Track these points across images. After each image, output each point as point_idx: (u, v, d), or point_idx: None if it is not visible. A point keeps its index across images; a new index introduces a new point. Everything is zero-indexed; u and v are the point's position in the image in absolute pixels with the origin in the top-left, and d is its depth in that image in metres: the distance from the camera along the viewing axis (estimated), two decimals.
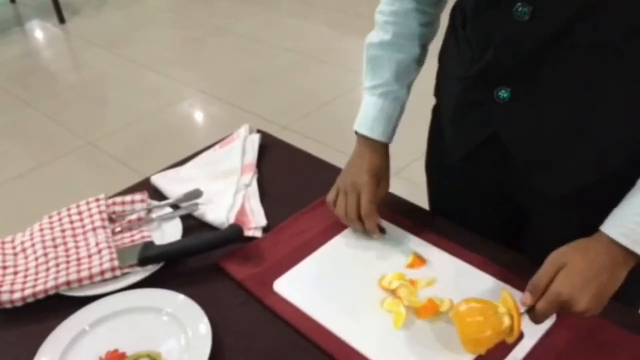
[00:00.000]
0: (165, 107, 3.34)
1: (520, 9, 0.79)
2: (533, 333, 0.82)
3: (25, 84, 3.67)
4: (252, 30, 4.18)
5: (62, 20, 4.45)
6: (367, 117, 1.03)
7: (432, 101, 1.09)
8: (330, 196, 1.02)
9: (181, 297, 0.91)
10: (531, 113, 0.86)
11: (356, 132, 1.04)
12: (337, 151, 2.63)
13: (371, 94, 1.03)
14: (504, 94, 0.87)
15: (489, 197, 1.06)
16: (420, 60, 1.04)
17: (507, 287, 0.88)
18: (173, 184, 1.16)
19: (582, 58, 0.79)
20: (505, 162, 0.93)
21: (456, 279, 0.92)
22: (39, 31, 4.55)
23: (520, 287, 0.83)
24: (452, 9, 0.99)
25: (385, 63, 1.02)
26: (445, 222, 1.05)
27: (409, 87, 1.05)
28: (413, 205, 1.10)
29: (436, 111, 1.10)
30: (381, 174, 1.02)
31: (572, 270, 0.77)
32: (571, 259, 0.77)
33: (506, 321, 0.76)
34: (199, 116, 3.37)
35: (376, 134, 1.02)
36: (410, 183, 1.27)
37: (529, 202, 0.99)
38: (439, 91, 1.07)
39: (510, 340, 0.77)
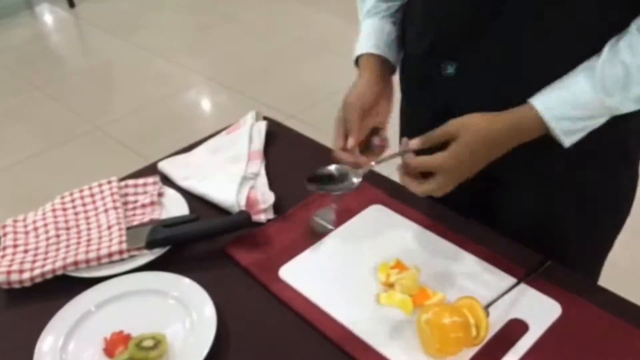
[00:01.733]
0: (173, 93, 3.34)
1: None
2: (538, 326, 0.82)
3: (34, 67, 3.68)
4: (262, 18, 4.17)
5: (71, 4, 4.45)
6: (360, 41, 1.01)
7: None
8: None
9: (187, 281, 0.91)
10: (478, 84, 0.89)
11: (355, 63, 1.01)
12: None
13: (362, 22, 1.03)
14: (450, 68, 0.90)
15: None
16: None
17: (479, 293, 0.85)
18: (180, 169, 1.16)
19: (519, 28, 0.82)
20: None
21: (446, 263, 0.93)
22: (48, 15, 4.55)
23: (501, 266, 0.90)
24: None
25: None
26: (439, 207, 1.04)
27: (397, 10, 1.03)
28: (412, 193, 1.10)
29: (402, 88, 1.10)
30: (373, 94, 0.94)
31: (463, 143, 0.82)
32: (465, 132, 0.82)
33: (474, 332, 0.78)
34: (206, 104, 3.37)
35: (367, 47, 0.98)
36: None
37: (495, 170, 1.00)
38: (402, 70, 1.08)
39: (469, 347, 0.79)
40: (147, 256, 0.97)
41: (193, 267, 0.95)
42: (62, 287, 0.93)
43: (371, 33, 1.00)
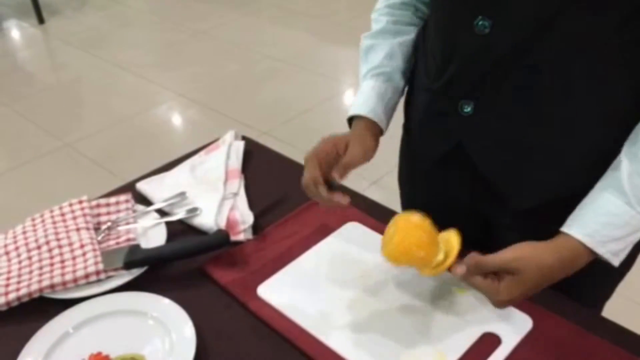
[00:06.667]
0: (144, 110, 3.33)
1: (480, 22, 0.81)
2: (510, 339, 0.84)
3: (2, 84, 3.62)
4: (233, 35, 4.19)
5: (41, 20, 4.40)
6: (358, 100, 0.97)
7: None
8: None
9: (166, 301, 0.91)
10: (495, 125, 0.88)
11: (348, 122, 0.99)
12: None
13: (363, 80, 1.00)
14: (467, 107, 0.88)
15: (457, 210, 1.03)
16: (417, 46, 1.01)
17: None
18: (158, 190, 1.16)
19: (543, 72, 0.81)
20: (471, 173, 0.95)
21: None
22: (16, 31, 4.50)
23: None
24: None
25: (377, 48, 1.00)
26: None
27: (404, 73, 1.00)
28: (388, 210, 1.12)
29: (406, 126, 1.10)
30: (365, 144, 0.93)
31: (521, 281, 0.77)
32: (524, 267, 0.77)
33: (440, 257, 0.78)
34: (177, 120, 3.36)
35: (365, 110, 0.95)
36: (388, 190, 1.30)
37: (494, 214, 1.00)
38: (408, 103, 1.07)
39: (427, 272, 0.79)
40: (125, 276, 0.97)
41: (171, 286, 0.96)
42: (39, 308, 0.93)
43: (372, 96, 0.96)
